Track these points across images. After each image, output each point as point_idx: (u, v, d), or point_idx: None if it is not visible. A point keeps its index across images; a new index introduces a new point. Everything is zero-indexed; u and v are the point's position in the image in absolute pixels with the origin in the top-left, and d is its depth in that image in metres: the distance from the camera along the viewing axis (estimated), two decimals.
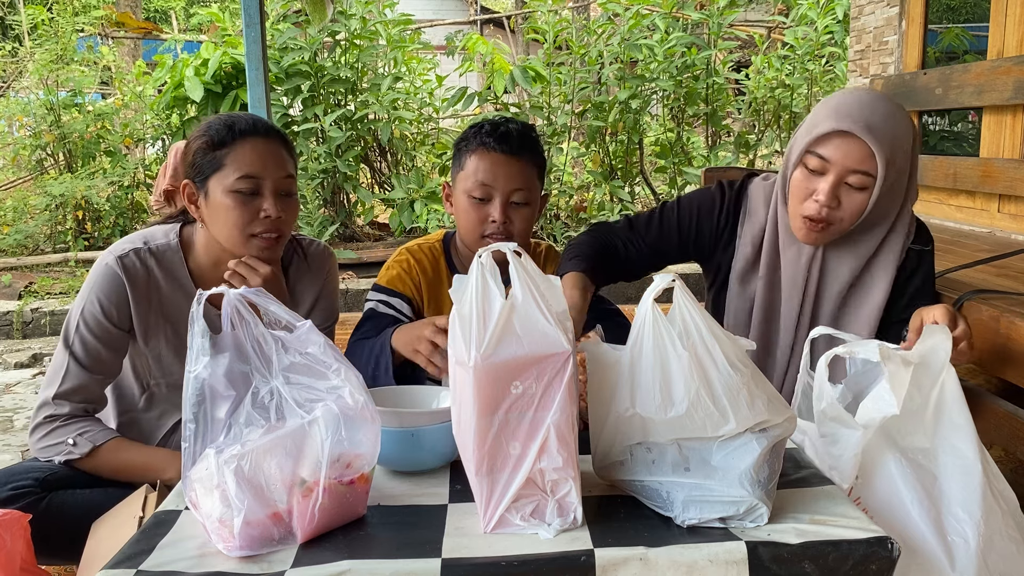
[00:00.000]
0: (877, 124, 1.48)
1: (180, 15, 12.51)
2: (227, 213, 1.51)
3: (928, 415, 1.28)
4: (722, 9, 6.34)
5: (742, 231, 1.71)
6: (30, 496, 1.45)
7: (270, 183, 1.52)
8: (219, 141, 1.52)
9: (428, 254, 1.76)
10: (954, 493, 1.23)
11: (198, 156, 1.53)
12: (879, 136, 1.48)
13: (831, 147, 1.51)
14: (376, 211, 6.48)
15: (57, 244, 6.26)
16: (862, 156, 1.49)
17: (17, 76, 8.02)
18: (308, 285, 1.72)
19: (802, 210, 1.56)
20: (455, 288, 1.06)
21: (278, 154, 1.55)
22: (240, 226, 1.51)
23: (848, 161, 1.50)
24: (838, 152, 1.50)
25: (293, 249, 1.72)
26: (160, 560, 0.96)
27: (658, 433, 1.04)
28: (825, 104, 1.57)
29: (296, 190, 1.60)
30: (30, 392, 3.65)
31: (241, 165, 1.50)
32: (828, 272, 1.65)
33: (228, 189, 1.50)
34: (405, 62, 6.81)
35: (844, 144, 1.49)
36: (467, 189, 1.65)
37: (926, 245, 1.68)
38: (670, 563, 0.95)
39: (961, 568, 1.17)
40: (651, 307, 1.05)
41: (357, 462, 1.04)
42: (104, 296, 1.53)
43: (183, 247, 1.61)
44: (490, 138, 1.64)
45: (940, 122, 3.65)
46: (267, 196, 1.52)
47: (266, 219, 1.51)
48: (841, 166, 1.50)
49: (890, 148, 1.49)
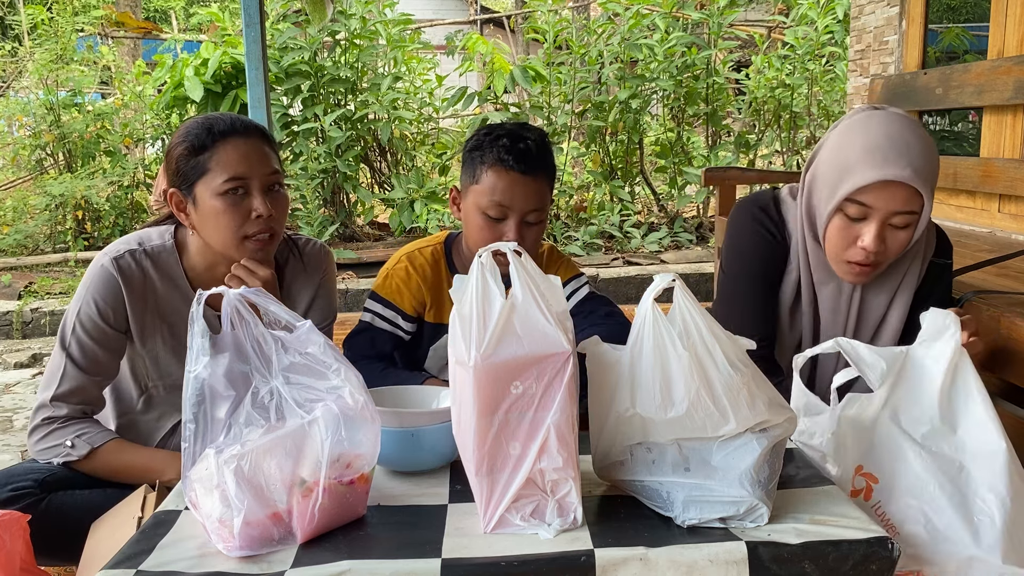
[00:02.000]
0: (919, 165, 1.41)
1: (180, 15, 12.51)
2: (218, 218, 1.49)
3: (944, 400, 1.25)
4: (722, 9, 6.34)
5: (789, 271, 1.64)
6: (30, 497, 1.45)
7: (257, 182, 1.50)
8: (200, 145, 1.49)
9: (429, 258, 1.73)
10: (980, 476, 1.20)
11: (181, 163, 1.50)
12: (922, 175, 1.41)
13: (873, 195, 1.43)
14: (376, 211, 6.48)
15: (57, 244, 6.26)
16: (907, 197, 1.43)
17: (17, 76, 8.03)
18: (304, 284, 1.71)
19: (847, 256, 1.50)
20: (455, 288, 1.06)
21: (261, 151, 1.52)
22: (232, 229, 1.49)
23: (893, 205, 1.43)
24: (881, 199, 1.43)
25: (288, 249, 1.70)
26: (160, 560, 0.96)
27: (658, 433, 1.04)
28: (853, 144, 1.47)
29: (283, 183, 1.58)
30: (30, 392, 3.65)
31: (226, 167, 1.48)
32: (865, 303, 1.61)
33: (216, 193, 1.48)
34: (405, 62, 6.81)
35: (887, 190, 1.42)
36: (482, 206, 1.59)
37: (948, 257, 1.65)
38: (670, 563, 0.95)
39: (987, 545, 1.16)
40: (651, 307, 1.05)
41: (357, 462, 1.04)
42: (100, 297, 1.52)
43: (178, 248, 1.60)
44: (509, 155, 1.57)
45: (940, 122, 3.65)
46: (256, 195, 1.49)
47: (258, 219, 1.50)
48: (885, 211, 1.44)
49: (931, 183, 1.44)
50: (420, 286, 1.70)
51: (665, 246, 6.21)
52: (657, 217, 6.77)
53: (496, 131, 1.62)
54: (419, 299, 1.71)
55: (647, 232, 6.36)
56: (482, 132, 1.64)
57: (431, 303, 1.72)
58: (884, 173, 1.41)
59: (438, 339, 1.73)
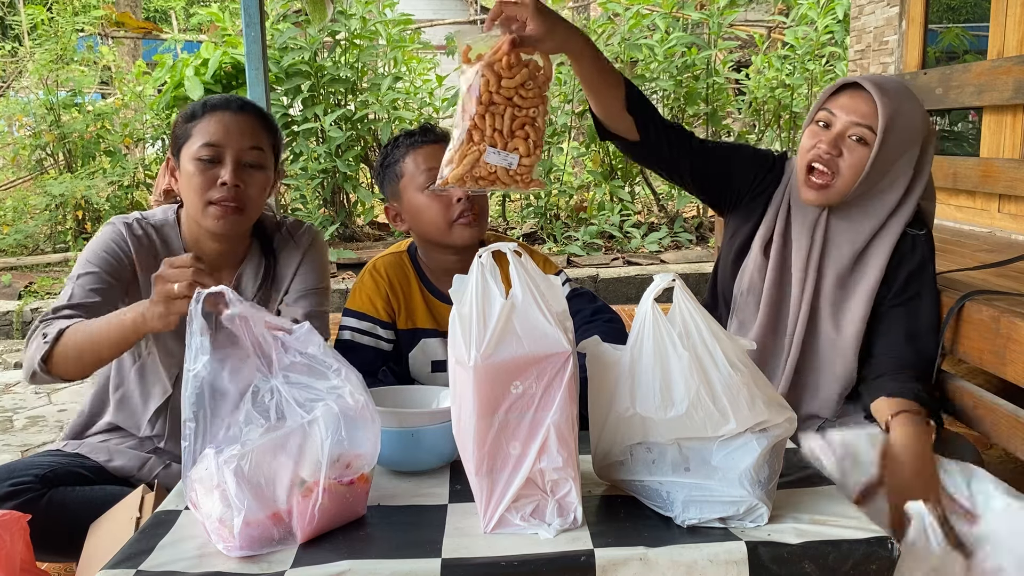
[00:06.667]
0: (886, 85, 1.60)
1: (180, 15, 12.50)
2: (189, 180, 1.56)
3: None
4: (722, 9, 6.34)
5: (773, 200, 1.77)
6: (30, 492, 1.45)
7: (232, 152, 1.55)
8: (192, 114, 1.59)
9: (394, 265, 1.74)
10: None
11: (176, 129, 1.61)
12: (884, 92, 1.58)
13: (839, 102, 1.62)
14: (376, 211, 6.47)
15: (57, 244, 6.25)
16: (867, 111, 1.59)
17: (17, 76, 8.02)
18: (290, 256, 1.73)
19: (808, 158, 1.64)
20: (455, 288, 1.06)
21: (246, 126, 1.58)
22: (199, 192, 1.55)
23: (853, 115, 1.60)
24: (845, 106, 1.61)
25: (277, 227, 1.75)
26: (160, 560, 0.96)
27: (658, 433, 1.04)
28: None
29: (268, 165, 1.61)
30: (30, 392, 3.65)
31: (205, 134, 1.55)
32: (830, 241, 1.70)
33: (192, 157, 1.55)
34: (405, 62, 6.80)
35: (851, 99, 1.61)
36: (420, 184, 1.66)
37: (920, 230, 1.71)
38: (670, 563, 0.95)
39: None
40: (651, 307, 1.05)
41: (357, 462, 1.04)
42: (115, 244, 1.58)
43: (179, 224, 1.66)
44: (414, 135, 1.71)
45: (940, 122, 3.65)
46: (227, 164, 1.55)
47: (223, 186, 1.54)
48: (846, 119, 1.60)
49: (893, 108, 1.58)
50: (388, 293, 1.71)
51: (665, 246, 6.21)
52: (657, 217, 6.76)
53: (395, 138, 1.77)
54: (390, 305, 1.71)
55: (647, 232, 6.36)
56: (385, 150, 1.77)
57: (401, 308, 1.71)
58: (851, 79, 1.63)
59: (414, 346, 1.73)
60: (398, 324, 1.71)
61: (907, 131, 1.60)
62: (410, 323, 1.72)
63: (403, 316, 1.72)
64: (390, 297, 1.71)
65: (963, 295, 1.83)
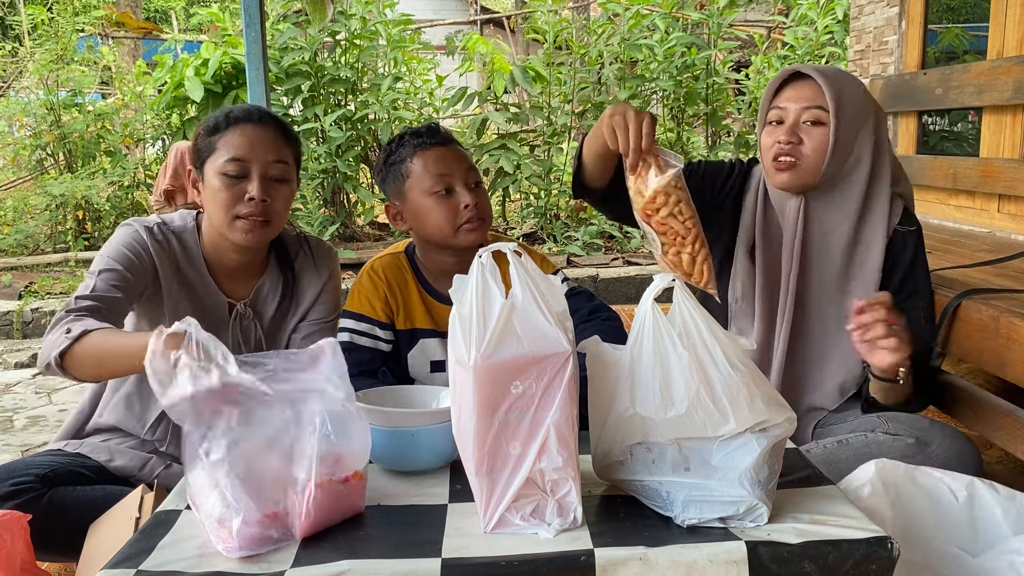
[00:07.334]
0: (824, 69, 1.67)
1: (180, 15, 12.50)
2: (215, 195, 1.55)
3: None
4: (722, 9, 6.34)
5: (746, 204, 1.78)
6: (31, 492, 1.45)
7: (258, 167, 1.56)
8: (214, 127, 1.58)
9: (391, 265, 1.74)
10: None
11: (199, 142, 1.61)
12: (824, 75, 1.64)
13: (785, 95, 1.67)
14: (376, 211, 6.47)
15: (57, 244, 6.25)
16: (814, 94, 1.64)
17: (17, 76, 8.02)
18: (312, 278, 1.75)
19: (771, 154, 1.67)
20: (455, 288, 1.06)
21: (270, 139, 1.58)
22: (226, 207, 1.55)
23: (803, 101, 1.64)
24: (792, 97, 1.66)
25: (300, 245, 1.76)
26: (160, 560, 0.96)
27: (658, 433, 1.04)
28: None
29: (292, 178, 1.63)
30: (30, 392, 3.65)
31: (230, 148, 1.55)
32: (815, 228, 1.71)
33: (217, 171, 1.55)
34: (405, 62, 6.81)
35: (796, 89, 1.66)
36: (429, 187, 1.64)
37: (911, 226, 1.72)
38: (670, 563, 0.95)
39: None
40: (651, 307, 1.05)
41: (348, 458, 1.04)
42: (137, 244, 1.58)
43: (199, 232, 1.67)
44: (419, 137, 1.68)
45: (940, 122, 3.65)
46: (254, 179, 1.55)
47: (250, 201, 1.54)
48: (797, 108, 1.65)
49: (838, 87, 1.63)
50: (387, 294, 1.70)
51: None
52: None
53: (399, 137, 1.73)
54: (389, 306, 1.71)
55: None
56: (389, 148, 1.73)
57: (399, 309, 1.71)
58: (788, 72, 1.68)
59: (413, 346, 1.73)
60: (396, 324, 1.71)
61: (857, 107, 1.65)
62: (408, 323, 1.72)
63: (401, 316, 1.72)
64: (388, 298, 1.71)
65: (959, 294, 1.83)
